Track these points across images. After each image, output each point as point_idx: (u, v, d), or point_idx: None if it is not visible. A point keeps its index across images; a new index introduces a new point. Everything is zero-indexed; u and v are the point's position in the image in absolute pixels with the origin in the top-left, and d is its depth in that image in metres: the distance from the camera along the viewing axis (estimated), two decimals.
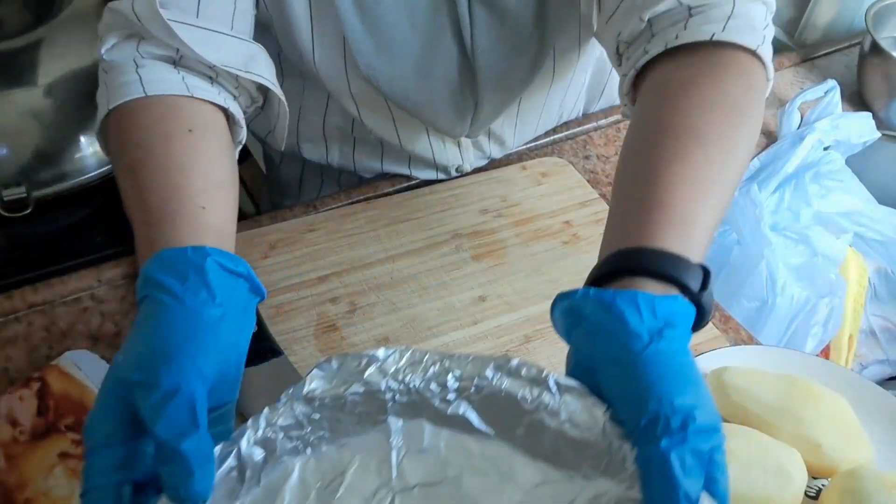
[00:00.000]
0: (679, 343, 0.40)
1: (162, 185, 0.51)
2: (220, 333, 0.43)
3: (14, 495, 0.52)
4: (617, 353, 0.40)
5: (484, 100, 0.71)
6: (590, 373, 0.41)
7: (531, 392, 0.41)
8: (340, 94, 0.73)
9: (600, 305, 0.41)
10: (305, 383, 0.41)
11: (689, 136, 0.49)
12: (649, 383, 0.38)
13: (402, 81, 0.68)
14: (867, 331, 0.91)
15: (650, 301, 0.40)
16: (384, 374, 0.42)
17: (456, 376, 0.42)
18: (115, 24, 0.58)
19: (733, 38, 0.53)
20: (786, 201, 0.89)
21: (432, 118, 0.72)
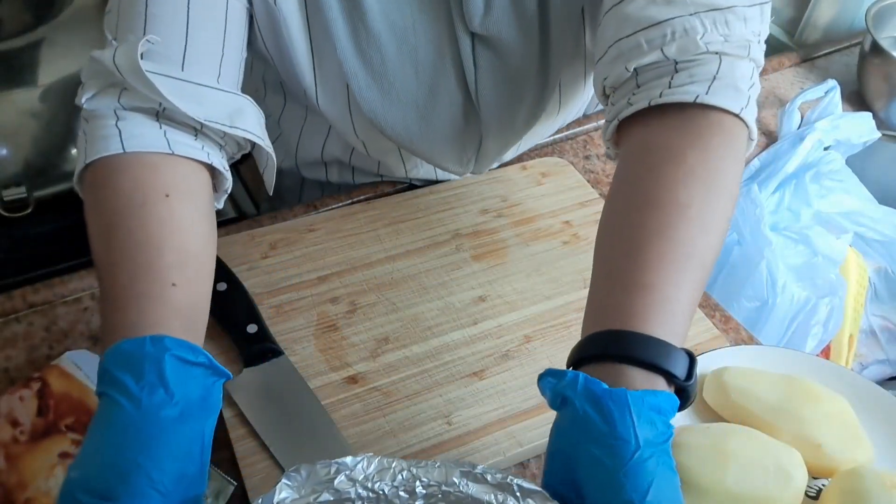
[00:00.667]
0: (663, 448, 0.41)
1: (132, 261, 0.49)
2: (179, 434, 0.43)
3: (14, 495, 0.52)
4: (602, 456, 0.40)
5: (488, 141, 0.71)
6: (570, 462, 0.42)
7: (496, 497, 0.43)
8: (345, 132, 0.73)
9: (589, 399, 0.41)
10: (274, 494, 0.42)
11: (672, 210, 0.49)
12: (630, 498, 0.38)
13: (406, 125, 0.68)
14: (867, 331, 0.91)
15: (639, 402, 0.41)
16: (353, 482, 0.43)
17: (424, 483, 0.43)
18: (97, 73, 0.55)
19: (717, 101, 0.52)
20: (786, 201, 0.90)
21: (437, 159, 0.72)
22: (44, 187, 0.72)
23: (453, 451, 0.58)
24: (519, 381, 0.63)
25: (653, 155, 0.53)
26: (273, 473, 0.55)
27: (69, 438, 0.55)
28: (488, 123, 0.69)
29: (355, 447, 0.57)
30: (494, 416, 0.60)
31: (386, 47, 0.64)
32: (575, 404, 0.42)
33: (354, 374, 0.62)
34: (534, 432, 0.59)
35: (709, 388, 0.62)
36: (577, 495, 0.42)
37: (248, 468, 0.56)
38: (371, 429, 0.59)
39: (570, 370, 0.45)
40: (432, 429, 0.59)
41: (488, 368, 0.63)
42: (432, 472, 0.44)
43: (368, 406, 0.60)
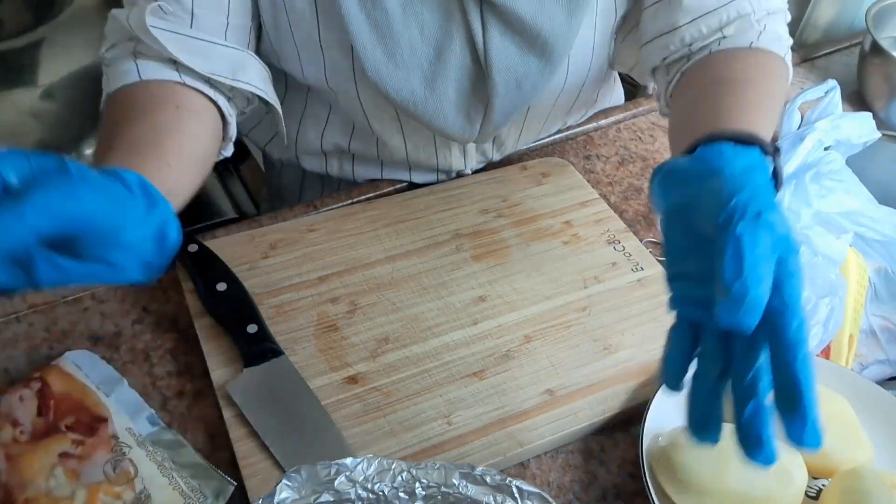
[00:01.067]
0: (765, 178, 0.46)
1: (138, 140, 0.54)
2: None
3: (14, 495, 0.52)
4: (716, 186, 0.45)
5: (495, 105, 0.70)
6: (685, 213, 0.47)
7: (495, 498, 0.44)
8: (349, 101, 0.73)
9: (699, 159, 0.48)
10: (274, 494, 0.42)
11: (741, 82, 0.61)
12: (733, 194, 0.43)
13: (411, 89, 0.68)
14: (867, 331, 0.91)
15: (737, 148, 0.47)
16: (353, 483, 0.43)
17: (423, 484, 0.44)
18: (115, 29, 0.63)
19: (767, 45, 0.66)
20: (786, 201, 0.89)
21: (441, 125, 0.72)
22: None
23: (453, 451, 0.58)
24: (519, 381, 0.63)
25: (715, 65, 0.66)
26: (273, 474, 0.55)
27: (69, 438, 0.55)
28: (497, 86, 0.69)
29: (355, 447, 0.57)
30: (494, 416, 0.60)
31: (391, 8, 0.64)
32: (688, 169, 0.48)
33: (354, 374, 0.62)
34: (534, 432, 0.59)
35: None
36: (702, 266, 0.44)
37: (248, 468, 0.56)
38: (371, 429, 0.59)
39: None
40: (432, 429, 0.59)
41: (488, 368, 0.63)
42: (432, 474, 0.44)
43: (368, 406, 0.60)
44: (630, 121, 0.94)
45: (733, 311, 0.39)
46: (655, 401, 0.60)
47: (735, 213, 0.42)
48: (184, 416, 0.61)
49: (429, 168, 0.82)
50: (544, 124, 0.85)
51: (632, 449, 0.61)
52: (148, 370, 0.64)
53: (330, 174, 0.85)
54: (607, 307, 0.69)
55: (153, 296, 0.69)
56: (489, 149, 0.82)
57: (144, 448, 0.56)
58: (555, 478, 0.59)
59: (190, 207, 0.93)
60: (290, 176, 0.92)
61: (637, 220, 0.81)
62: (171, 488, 0.54)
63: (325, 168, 0.84)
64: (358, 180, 0.85)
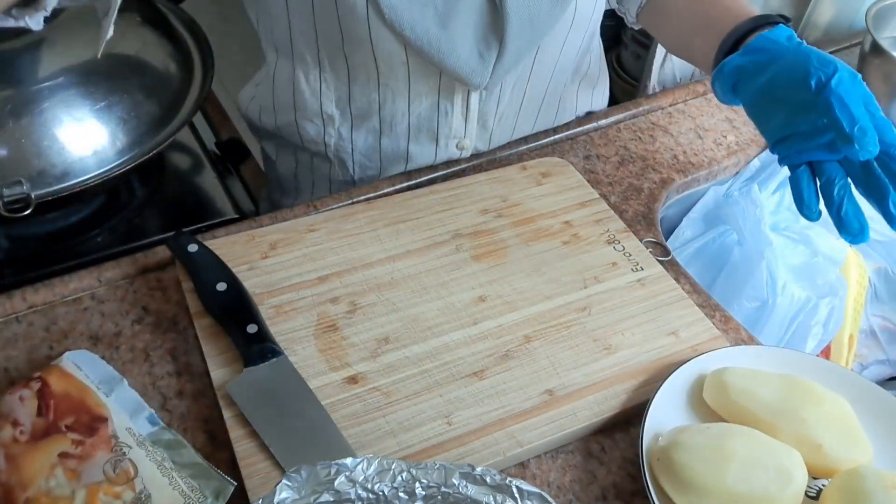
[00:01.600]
0: (808, 46, 0.64)
1: None
2: None
3: (14, 495, 0.52)
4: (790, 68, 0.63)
5: (508, 44, 0.71)
6: (770, 93, 0.63)
7: (495, 498, 0.44)
8: (360, 46, 0.73)
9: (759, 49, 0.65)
10: (275, 494, 0.42)
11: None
12: (808, 64, 0.61)
13: (426, 26, 0.69)
14: (867, 331, 0.91)
15: (777, 30, 0.65)
16: (353, 483, 0.43)
17: (423, 484, 0.44)
18: None
19: None
20: (786, 201, 0.89)
21: (454, 65, 0.72)
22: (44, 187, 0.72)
23: (453, 451, 0.58)
24: (519, 381, 0.63)
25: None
26: (273, 474, 0.55)
27: (69, 438, 0.55)
28: (511, 21, 0.70)
29: (355, 447, 0.57)
30: (494, 416, 0.60)
31: None
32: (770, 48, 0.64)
33: (354, 374, 0.62)
34: (534, 432, 0.59)
35: (709, 388, 0.62)
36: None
37: (248, 468, 0.56)
38: (371, 429, 0.59)
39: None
40: (432, 429, 0.59)
41: (488, 368, 0.63)
42: (432, 474, 0.44)
43: (368, 406, 0.60)
44: (630, 121, 0.94)
45: (864, 147, 0.56)
46: (655, 401, 0.60)
47: (822, 76, 0.59)
48: (184, 416, 0.61)
49: (429, 134, 0.82)
50: (543, 99, 0.86)
51: (632, 449, 0.61)
52: (148, 370, 0.64)
53: (328, 145, 0.85)
54: (607, 307, 0.69)
55: (153, 296, 0.69)
56: (490, 118, 0.83)
57: (144, 448, 0.56)
58: (555, 478, 0.59)
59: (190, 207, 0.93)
60: (285, 164, 0.93)
61: (637, 220, 0.81)
62: (171, 488, 0.54)
63: (323, 137, 0.84)
64: (356, 151, 0.85)
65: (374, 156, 0.84)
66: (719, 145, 0.92)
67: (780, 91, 0.62)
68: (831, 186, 0.60)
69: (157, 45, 0.84)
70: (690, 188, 0.90)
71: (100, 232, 0.86)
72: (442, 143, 0.83)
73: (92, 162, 0.75)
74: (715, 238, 0.87)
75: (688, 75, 1.11)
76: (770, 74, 0.63)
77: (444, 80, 0.77)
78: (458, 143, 0.83)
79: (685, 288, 0.73)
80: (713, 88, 0.69)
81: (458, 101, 0.79)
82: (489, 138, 0.85)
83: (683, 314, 0.70)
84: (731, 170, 0.92)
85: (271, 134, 0.90)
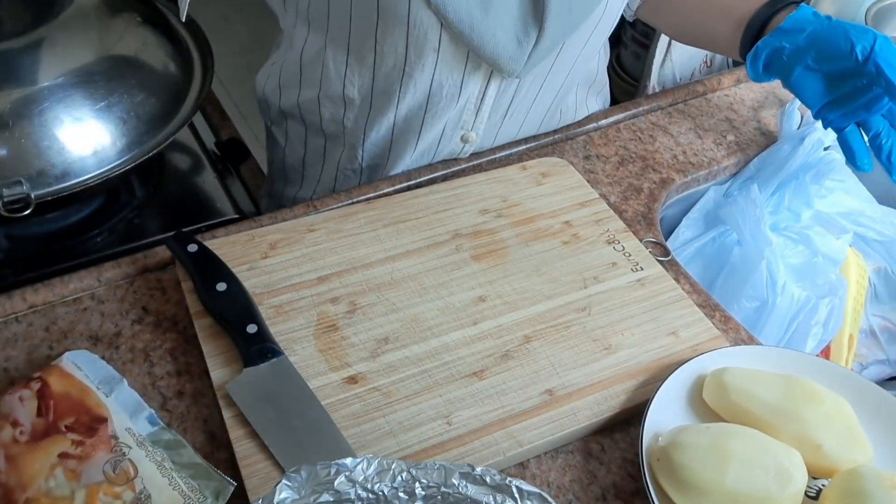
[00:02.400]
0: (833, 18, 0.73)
1: None
2: None
3: (14, 496, 0.52)
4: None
5: (547, 29, 0.72)
6: (813, 67, 0.73)
7: (495, 498, 0.44)
8: (396, 26, 0.73)
9: (792, 30, 0.74)
10: (274, 494, 0.42)
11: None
12: (847, 35, 0.70)
13: (469, 10, 0.70)
14: (867, 331, 0.91)
15: (804, 7, 0.74)
16: (353, 483, 0.43)
17: (423, 484, 0.44)
18: None
19: None
20: (786, 201, 0.89)
21: (492, 50, 0.73)
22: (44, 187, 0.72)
23: (453, 451, 0.58)
24: (519, 381, 0.63)
25: None
26: (273, 474, 0.55)
27: (69, 439, 0.55)
28: (550, 9, 0.71)
29: (355, 447, 0.57)
30: (494, 416, 0.60)
31: None
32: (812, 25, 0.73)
33: (354, 374, 0.62)
34: (533, 432, 0.59)
35: (709, 388, 0.62)
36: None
37: (247, 468, 0.56)
38: (371, 429, 0.59)
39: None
40: (432, 429, 0.59)
41: (488, 369, 0.63)
42: (432, 474, 0.44)
43: (368, 406, 0.60)
44: (630, 121, 0.94)
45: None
46: (655, 401, 0.60)
47: (865, 45, 0.68)
48: (184, 416, 0.61)
49: (438, 120, 0.81)
50: (553, 100, 0.86)
51: (632, 449, 0.61)
52: (148, 370, 0.64)
53: (345, 126, 0.85)
54: (607, 307, 0.69)
55: (153, 296, 0.69)
56: (501, 113, 0.83)
57: (144, 448, 0.56)
58: (554, 478, 0.59)
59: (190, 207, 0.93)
60: (293, 154, 0.93)
61: (637, 220, 0.81)
62: (171, 488, 0.54)
63: (342, 118, 0.84)
64: (366, 144, 0.85)
65: (384, 146, 0.85)
66: (719, 145, 0.92)
67: (823, 63, 0.71)
68: (879, 138, 0.71)
69: (157, 45, 0.84)
70: (690, 188, 0.90)
71: (100, 232, 0.86)
72: (448, 132, 0.82)
73: (92, 162, 0.75)
74: (715, 238, 0.87)
75: (688, 75, 1.11)
76: (810, 50, 0.71)
77: (468, 68, 0.77)
78: (462, 136, 0.83)
79: (685, 288, 0.73)
80: (747, 70, 0.77)
81: (476, 91, 0.79)
82: (495, 134, 0.85)
83: (683, 314, 0.70)
84: (731, 170, 0.92)
85: (286, 115, 0.90)
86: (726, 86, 1.01)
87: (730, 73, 1.02)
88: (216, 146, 1.03)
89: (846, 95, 0.71)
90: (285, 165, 0.95)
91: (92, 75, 0.76)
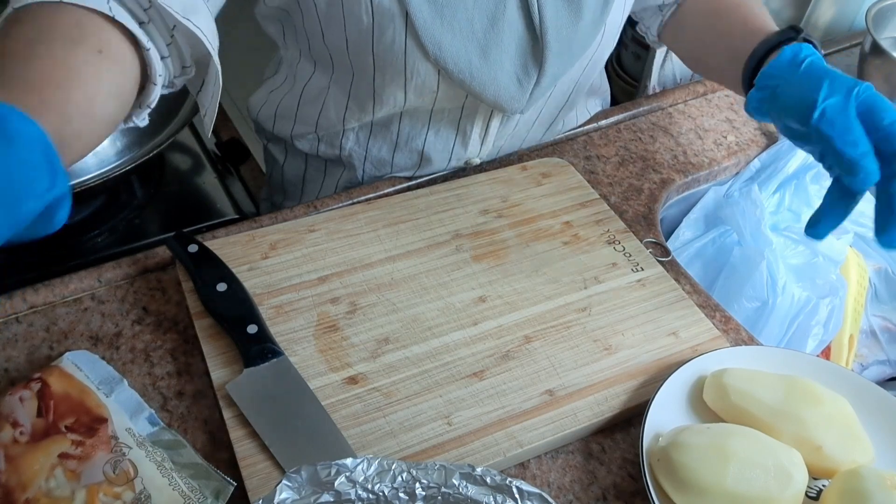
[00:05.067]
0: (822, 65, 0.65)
1: (42, 79, 0.45)
2: None
3: (14, 496, 0.52)
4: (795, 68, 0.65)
5: (547, 70, 0.72)
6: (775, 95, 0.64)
7: (495, 499, 0.44)
8: (394, 77, 0.72)
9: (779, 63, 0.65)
10: (275, 495, 0.42)
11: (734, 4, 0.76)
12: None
13: (468, 59, 0.69)
14: (867, 331, 0.91)
15: (800, 46, 0.66)
16: (353, 484, 0.43)
17: (423, 485, 0.44)
18: None
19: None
20: (786, 202, 0.89)
21: (493, 94, 0.72)
22: None
23: (453, 451, 0.58)
24: (519, 382, 0.63)
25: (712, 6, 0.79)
26: (273, 474, 0.55)
27: (69, 439, 0.55)
28: (551, 51, 0.70)
29: (355, 448, 0.57)
30: (494, 416, 0.60)
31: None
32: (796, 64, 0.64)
33: (354, 374, 0.62)
34: (534, 433, 0.59)
35: (709, 389, 0.62)
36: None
37: (248, 469, 0.56)
38: (371, 429, 0.59)
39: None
40: (432, 429, 0.59)
41: (488, 369, 0.63)
42: (432, 474, 0.44)
43: (368, 407, 0.60)
44: (630, 121, 0.94)
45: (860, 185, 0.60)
46: (655, 401, 0.60)
47: (813, 109, 0.59)
48: (184, 417, 0.61)
49: (444, 153, 0.82)
50: (557, 115, 0.86)
51: (632, 449, 0.61)
52: (148, 370, 0.64)
53: (343, 148, 0.84)
54: (607, 308, 0.69)
55: (153, 296, 0.69)
56: (505, 137, 0.83)
57: (144, 448, 0.56)
58: (555, 478, 0.59)
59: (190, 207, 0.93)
60: (293, 168, 0.92)
61: (637, 220, 0.81)
62: (171, 489, 0.54)
63: (340, 142, 0.84)
64: (367, 163, 0.85)
65: (385, 164, 0.85)
66: (719, 146, 0.92)
67: (792, 122, 0.62)
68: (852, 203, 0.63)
69: None
70: (690, 189, 0.90)
71: (100, 232, 0.86)
72: (453, 162, 0.83)
73: (92, 162, 0.75)
74: (715, 238, 0.87)
75: (688, 76, 1.11)
76: (780, 107, 0.63)
77: (467, 106, 0.77)
78: (466, 162, 0.83)
79: (685, 288, 0.73)
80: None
81: (479, 125, 0.79)
82: (497, 151, 0.85)
83: (683, 314, 0.70)
84: (732, 170, 0.92)
85: (281, 139, 0.90)
86: None
87: None
88: (216, 146, 1.04)
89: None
90: (284, 181, 0.95)
91: None
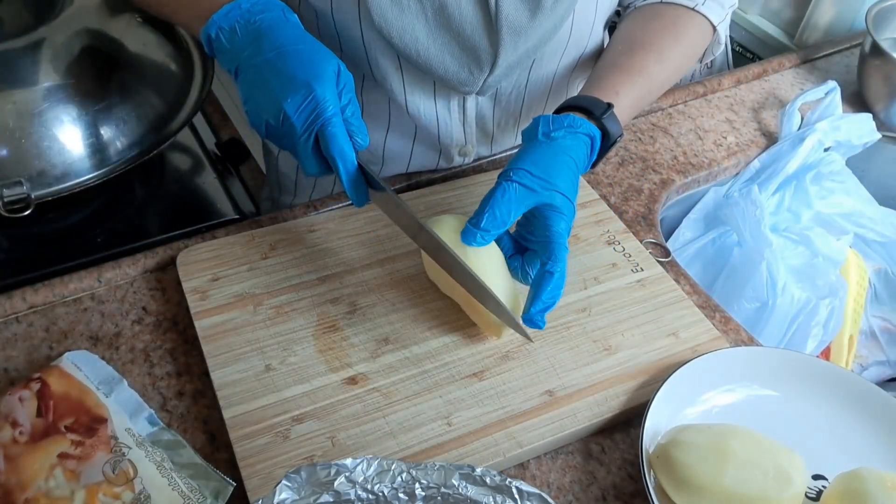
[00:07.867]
0: (567, 140, 0.64)
1: None
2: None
3: (14, 496, 0.52)
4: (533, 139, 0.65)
5: (500, 59, 0.71)
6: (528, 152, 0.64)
7: (495, 499, 0.44)
8: (356, 48, 0.73)
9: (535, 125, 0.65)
10: (275, 495, 0.42)
11: (640, 48, 0.74)
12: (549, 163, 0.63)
13: (414, 35, 0.69)
14: (867, 332, 0.91)
15: (557, 118, 0.65)
16: (353, 484, 0.43)
17: (423, 485, 0.44)
18: None
19: (705, 11, 0.77)
20: (786, 202, 0.90)
21: (443, 73, 0.72)
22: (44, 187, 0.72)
23: (453, 451, 0.58)
24: (519, 382, 0.63)
25: (643, 18, 0.78)
26: (273, 474, 0.55)
27: (68, 439, 0.55)
28: (505, 38, 0.70)
29: (355, 448, 0.57)
30: (494, 416, 0.60)
31: None
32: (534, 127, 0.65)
33: (354, 374, 0.62)
34: (533, 433, 0.59)
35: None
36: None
37: (247, 469, 0.56)
38: (371, 429, 0.59)
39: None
40: (432, 429, 0.59)
41: (488, 369, 0.63)
42: (432, 474, 0.44)
43: (368, 407, 0.60)
44: (630, 121, 0.94)
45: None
46: (655, 401, 0.60)
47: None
48: (183, 417, 0.61)
49: (430, 140, 0.81)
50: (544, 107, 0.85)
51: (631, 449, 0.61)
52: (148, 370, 0.64)
53: None
54: (607, 308, 0.69)
55: (153, 296, 0.69)
56: (489, 123, 0.82)
57: (144, 448, 0.56)
58: (554, 478, 0.59)
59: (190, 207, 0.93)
60: (287, 162, 0.92)
61: (637, 220, 0.81)
62: (171, 489, 0.54)
63: None
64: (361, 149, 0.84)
65: (377, 151, 0.84)
66: (719, 146, 0.92)
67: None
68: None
69: (157, 46, 0.84)
70: (690, 189, 0.90)
71: (100, 232, 0.86)
72: (444, 149, 0.83)
73: (92, 162, 0.75)
74: (715, 239, 0.87)
75: (688, 76, 1.11)
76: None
77: (438, 87, 0.77)
78: (460, 150, 0.83)
79: (685, 289, 0.73)
80: None
81: (455, 107, 0.79)
82: (491, 143, 0.85)
83: (683, 315, 0.70)
84: (731, 171, 0.92)
85: None
86: (726, 87, 1.01)
87: (730, 75, 1.03)
88: (216, 146, 1.03)
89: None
90: (280, 175, 0.95)
91: (91, 76, 0.76)
